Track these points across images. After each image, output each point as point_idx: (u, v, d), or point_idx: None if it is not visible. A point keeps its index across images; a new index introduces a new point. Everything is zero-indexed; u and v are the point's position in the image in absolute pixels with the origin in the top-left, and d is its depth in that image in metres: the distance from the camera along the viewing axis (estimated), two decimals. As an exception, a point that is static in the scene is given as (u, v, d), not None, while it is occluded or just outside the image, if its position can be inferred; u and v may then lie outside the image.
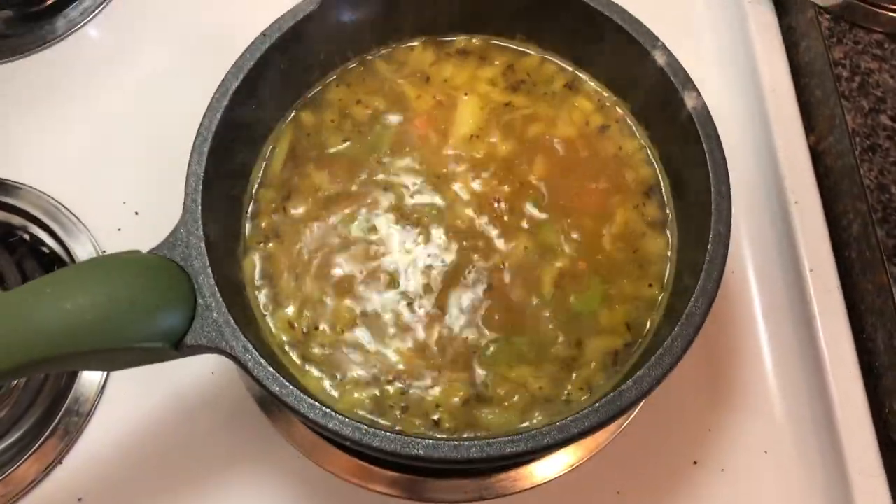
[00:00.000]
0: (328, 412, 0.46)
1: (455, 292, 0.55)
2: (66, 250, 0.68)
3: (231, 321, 0.48)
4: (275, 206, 0.58)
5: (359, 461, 0.60)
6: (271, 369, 0.47)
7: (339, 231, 0.57)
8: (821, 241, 0.67)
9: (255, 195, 0.58)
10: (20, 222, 0.70)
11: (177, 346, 0.48)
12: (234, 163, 0.57)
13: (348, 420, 0.46)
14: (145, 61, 0.77)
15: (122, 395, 0.64)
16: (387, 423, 0.51)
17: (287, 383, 0.47)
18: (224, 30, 0.70)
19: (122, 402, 0.63)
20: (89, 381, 0.64)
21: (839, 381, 0.62)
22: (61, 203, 0.70)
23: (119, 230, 0.69)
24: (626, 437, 0.61)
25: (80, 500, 0.60)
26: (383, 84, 0.62)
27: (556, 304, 0.55)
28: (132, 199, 0.70)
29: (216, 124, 0.53)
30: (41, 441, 0.61)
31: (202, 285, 0.49)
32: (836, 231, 0.69)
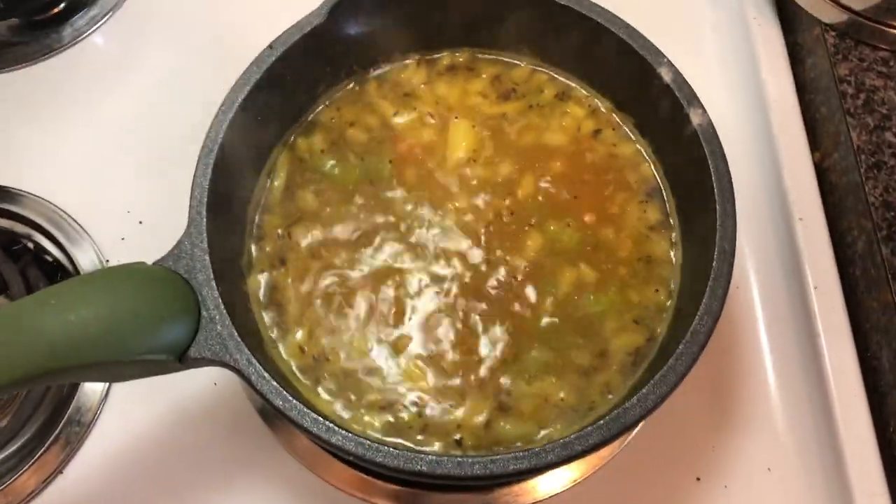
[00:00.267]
0: (331, 427, 0.46)
1: (468, 314, 0.55)
2: (70, 259, 0.68)
3: (235, 334, 0.48)
4: (280, 231, 0.57)
5: (361, 474, 0.60)
6: (275, 383, 0.47)
7: (346, 258, 0.57)
8: (825, 259, 0.67)
9: (259, 218, 0.58)
10: (24, 231, 0.70)
11: (180, 358, 0.48)
12: (239, 177, 0.57)
13: (351, 435, 0.46)
14: (151, 71, 0.77)
15: (124, 405, 0.63)
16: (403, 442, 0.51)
17: (290, 397, 0.46)
18: (230, 41, 0.70)
19: (124, 412, 0.63)
20: (91, 391, 0.64)
21: (843, 399, 0.62)
22: (65, 212, 0.70)
23: (123, 239, 0.69)
24: (629, 453, 0.61)
25: (80, 510, 0.60)
26: (377, 107, 0.62)
27: (572, 311, 0.55)
28: (136, 208, 0.70)
29: (222, 136, 0.53)
30: (42, 451, 0.61)
31: (206, 298, 0.48)
32: (840, 248, 0.68)
